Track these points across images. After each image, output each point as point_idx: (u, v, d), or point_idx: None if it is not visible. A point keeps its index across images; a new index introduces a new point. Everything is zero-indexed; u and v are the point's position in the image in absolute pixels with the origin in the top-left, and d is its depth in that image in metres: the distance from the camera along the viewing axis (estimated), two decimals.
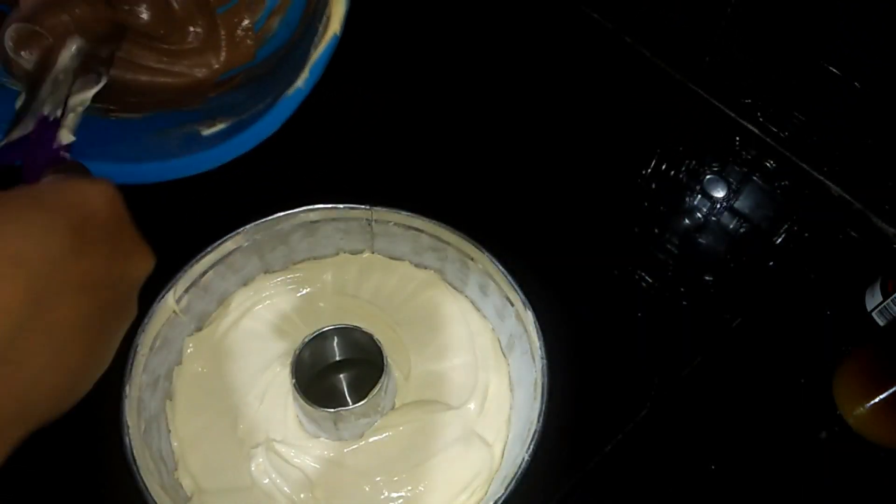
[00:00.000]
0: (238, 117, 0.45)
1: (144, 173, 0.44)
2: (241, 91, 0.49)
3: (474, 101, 0.60)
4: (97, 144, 0.43)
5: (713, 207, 0.55)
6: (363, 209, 0.45)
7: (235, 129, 0.44)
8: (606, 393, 0.48)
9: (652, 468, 0.46)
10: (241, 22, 0.50)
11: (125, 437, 0.37)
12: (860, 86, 0.59)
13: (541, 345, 0.41)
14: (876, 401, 0.46)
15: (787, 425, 0.48)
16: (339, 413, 0.40)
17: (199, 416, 0.43)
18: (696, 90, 0.60)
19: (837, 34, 0.60)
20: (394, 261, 0.49)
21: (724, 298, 0.52)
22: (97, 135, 0.44)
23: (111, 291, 0.26)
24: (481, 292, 0.46)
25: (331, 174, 0.53)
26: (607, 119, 0.59)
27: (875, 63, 0.59)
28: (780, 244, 0.54)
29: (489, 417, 0.44)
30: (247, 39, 0.51)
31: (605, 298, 0.52)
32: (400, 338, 0.46)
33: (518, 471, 0.37)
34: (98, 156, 0.42)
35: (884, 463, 0.46)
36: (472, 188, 0.55)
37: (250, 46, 0.51)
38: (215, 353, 0.45)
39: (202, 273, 0.43)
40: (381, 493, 0.41)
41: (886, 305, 0.48)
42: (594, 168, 0.57)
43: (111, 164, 0.43)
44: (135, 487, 0.36)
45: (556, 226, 0.54)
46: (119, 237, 0.27)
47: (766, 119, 0.58)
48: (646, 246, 0.54)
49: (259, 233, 0.44)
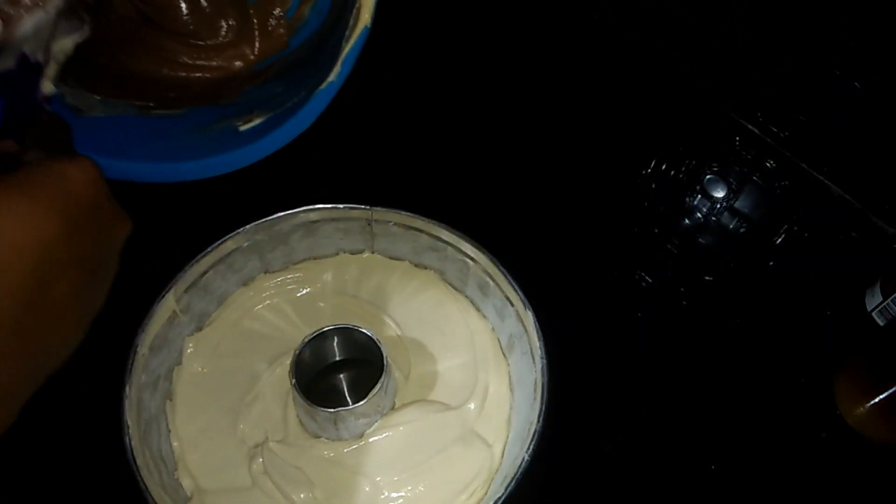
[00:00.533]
0: (274, 111, 0.45)
1: (183, 172, 0.44)
2: (277, 82, 0.50)
3: (474, 102, 0.60)
4: (137, 144, 0.44)
5: (713, 207, 0.55)
6: (363, 209, 0.45)
7: (271, 125, 0.44)
8: (606, 393, 0.48)
9: (652, 468, 0.46)
10: (273, 10, 0.51)
11: (125, 437, 0.37)
12: (860, 86, 0.59)
13: (541, 345, 0.41)
14: (876, 401, 0.46)
15: (787, 425, 0.48)
16: (339, 413, 0.40)
17: (199, 416, 0.43)
18: (696, 90, 0.60)
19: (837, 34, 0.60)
20: (394, 261, 0.49)
21: (724, 298, 0.52)
22: (137, 133, 0.45)
23: (97, 258, 0.29)
24: (481, 292, 0.46)
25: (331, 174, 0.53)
26: (607, 119, 0.59)
27: (875, 63, 0.59)
28: (780, 244, 0.54)
29: (489, 417, 0.44)
30: (279, 28, 0.51)
31: (605, 298, 0.52)
32: (400, 338, 0.46)
33: (518, 471, 0.37)
34: (139, 156, 0.43)
35: (884, 463, 0.46)
36: (472, 188, 0.55)
37: (283, 35, 0.51)
38: (215, 353, 0.45)
39: (202, 273, 0.43)
40: (381, 493, 0.41)
41: (886, 305, 0.48)
42: (594, 168, 0.57)
43: (151, 163, 0.43)
44: (135, 487, 0.36)
45: (556, 226, 0.54)
46: (101, 211, 0.29)
47: (766, 119, 0.58)
48: (646, 246, 0.54)
49: (259, 233, 0.44)
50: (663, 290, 0.52)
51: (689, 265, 0.53)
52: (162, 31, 0.49)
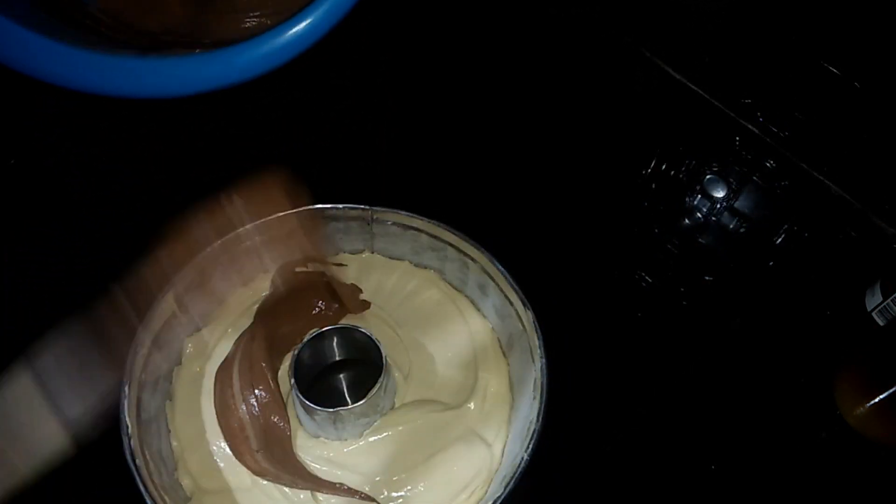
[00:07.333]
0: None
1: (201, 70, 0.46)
2: None
3: (474, 102, 0.60)
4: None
5: (713, 207, 0.55)
6: (363, 209, 0.45)
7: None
8: (606, 393, 0.48)
9: (652, 468, 0.46)
10: None
11: (125, 437, 0.37)
12: (860, 86, 0.58)
13: (541, 345, 0.41)
14: (876, 401, 0.46)
15: (787, 425, 0.48)
16: (338, 413, 0.40)
17: (199, 416, 0.43)
18: (696, 90, 0.60)
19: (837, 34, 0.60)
20: (393, 260, 0.49)
21: (724, 298, 0.52)
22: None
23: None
24: (481, 292, 0.46)
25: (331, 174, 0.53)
26: (607, 119, 0.59)
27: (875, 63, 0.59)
28: (780, 244, 0.54)
29: (489, 417, 0.44)
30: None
31: (605, 298, 0.52)
32: (400, 338, 0.46)
33: (518, 470, 0.37)
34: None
35: (884, 463, 0.46)
36: (471, 188, 0.55)
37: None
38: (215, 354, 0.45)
39: (202, 273, 0.43)
40: (381, 493, 0.41)
41: (886, 305, 0.48)
42: (594, 168, 0.57)
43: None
44: (135, 487, 0.36)
45: (556, 225, 0.54)
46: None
47: (766, 119, 0.58)
48: (646, 246, 0.54)
49: (259, 233, 0.44)
50: (663, 290, 0.52)
51: (689, 265, 0.53)
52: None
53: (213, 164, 0.54)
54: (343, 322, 0.46)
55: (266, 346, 0.43)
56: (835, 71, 0.59)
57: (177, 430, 0.42)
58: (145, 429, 0.40)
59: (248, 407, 0.41)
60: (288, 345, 0.45)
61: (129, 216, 0.52)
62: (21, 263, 0.50)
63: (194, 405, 0.43)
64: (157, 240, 0.41)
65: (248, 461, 0.41)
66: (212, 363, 0.44)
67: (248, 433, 0.41)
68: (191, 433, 0.42)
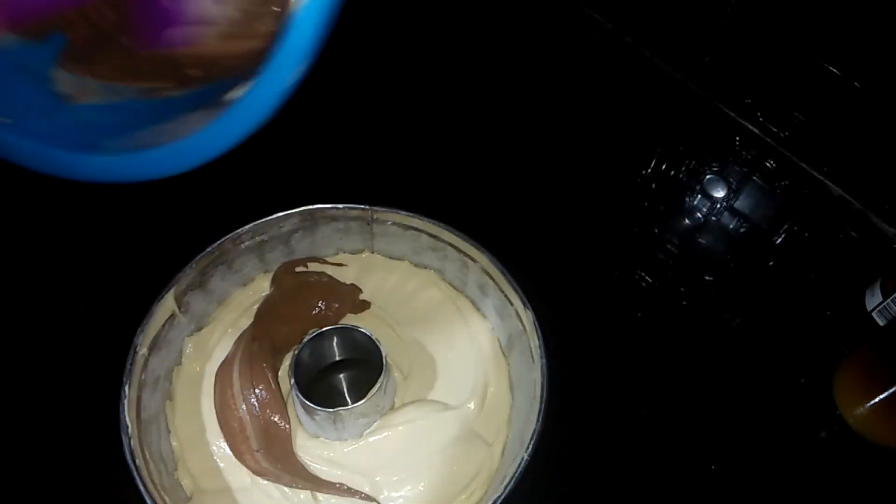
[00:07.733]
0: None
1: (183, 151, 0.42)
2: None
3: (474, 101, 0.60)
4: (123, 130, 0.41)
5: (713, 207, 0.55)
6: (363, 209, 0.45)
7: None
8: (606, 393, 0.48)
9: (652, 468, 0.46)
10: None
11: (125, 437, 0.37)
12: (860, 86, 0.58)
13: (541, 345, 0.41)
14: (876, 401, 0.46)
15: (787, 425, 0.48)
16: (338, 413, 0.40)
17: (199, 416, 0.43)
18: (696, 90, 0.60)
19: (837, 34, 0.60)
20: (393, 260, 0.49)
21: (724, 298, 0.52)
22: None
23: None
24: (481, 292, 0.46)
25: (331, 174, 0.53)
26: (607, 119, 0.59)
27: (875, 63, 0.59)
28: (780, 244, 0.54)
29: (489, 417, 0.44)
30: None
31: (605, 298, 0.52)
32: (400, 337, 0.46)
33: (518, 470, 0.37)
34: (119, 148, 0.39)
35: (884, 463, 0.46)
36: (471, 188, 0.55)
37: None
38: (215, 354, 0.45)
39: (202, 273, 0.43)
40: (381, 493, 0.41)
41: (886, 305, 0.48)
42: (594, 168, 0.57)
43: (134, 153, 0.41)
44: (135, 487, 0.36)
45: (555, 225, 0.54)
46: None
47: (766, 119, 0.58)
48: (646, 246, 0.54)
49: (259, 233, 0.44)
50: (663, 290, 0.52)
51: (689, 265, 0.53)
52: None
53: (213, 164, 0.54)
54: (343, 322, 0.46)
55: (266, 345, 0.43)
56: (835, 71, 0.59)
57: (177, 430, 0.42)
58: (145, 429, 0.40)
59: (249, 407, 0.41)
60: (288, 345, 0.45)
61: (129, 216, 0.52)
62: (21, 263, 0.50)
63: (194, 405, 0.43)
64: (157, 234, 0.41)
65: (248, 461, 0.41)
66: (212, 363, 0.44)
67: (248, 433, 0.41)
68: (191, 433, 0.42)
